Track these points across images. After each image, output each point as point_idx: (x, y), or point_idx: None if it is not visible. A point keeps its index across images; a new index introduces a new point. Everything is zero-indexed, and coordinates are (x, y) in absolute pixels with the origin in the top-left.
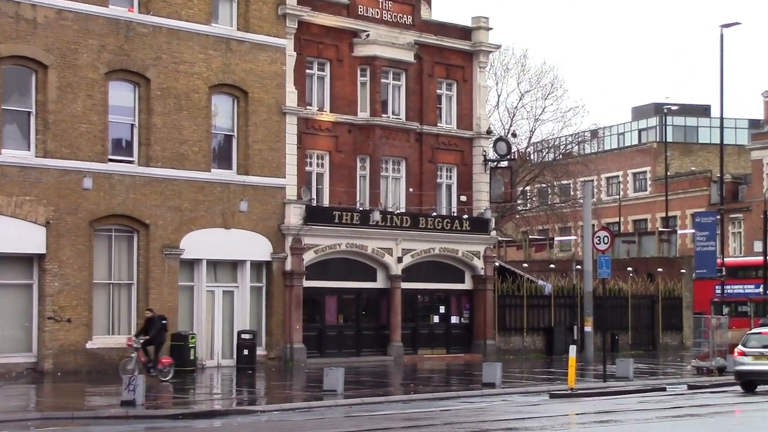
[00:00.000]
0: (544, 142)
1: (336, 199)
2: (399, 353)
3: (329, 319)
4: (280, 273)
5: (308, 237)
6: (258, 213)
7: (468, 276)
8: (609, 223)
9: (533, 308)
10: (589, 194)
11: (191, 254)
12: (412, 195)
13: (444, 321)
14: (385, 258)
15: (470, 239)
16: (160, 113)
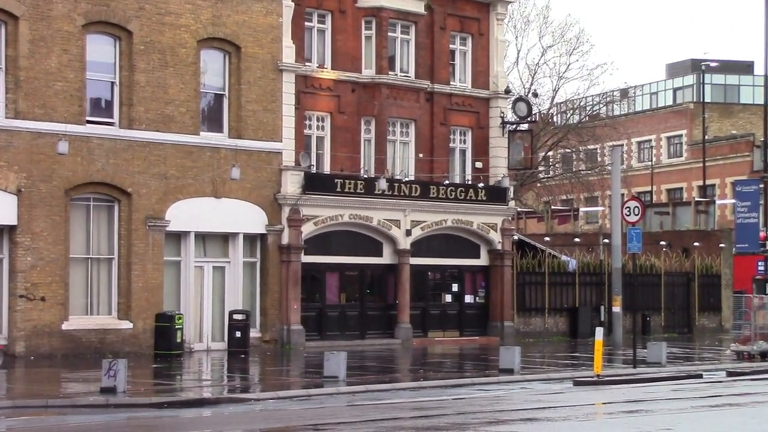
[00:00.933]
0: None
1: (338, 166)
2: (407, 336)
3: (330, 298)
4: (275, 247)
5: (307, 207)
6: (252, 181)
7: (484, 251)
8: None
9: (556, 286)
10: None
11: (178, 226)
12: (422, 161)
13: (457, 300)
14: (392, 231)
15: (486, 210)
16: (143, 70)
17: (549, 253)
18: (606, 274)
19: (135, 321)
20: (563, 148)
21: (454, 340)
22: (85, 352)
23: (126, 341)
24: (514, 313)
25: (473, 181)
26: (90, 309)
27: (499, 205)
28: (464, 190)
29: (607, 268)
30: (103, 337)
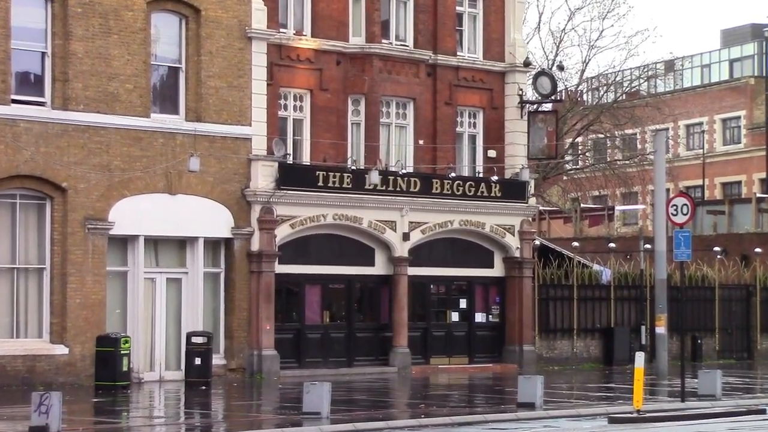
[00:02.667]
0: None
1: (320, 155)
2: (405, 363)
3: (311, 316)
4: (244, 255)
5: (282, 206)
6: (214, 173)
7: (498, 259)
8: (689, 188)
9: (586, 302)
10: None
11: (124, 229)
12: (422, 149)
13: (466, 319)
14: (386, 234)
15: (501, 209)
16: (81, 38)
17: (578, 261)
18: (648, 287)
19: (71, 345)
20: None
21: (462, 368)
22: (10, 384)
23: (60, 370)
24: (536, 335)
25: (485, 173)
26: (16, 331)
27: (516, 203)
28: (474, 185)
29: (649, 279)
30: (33, 365)
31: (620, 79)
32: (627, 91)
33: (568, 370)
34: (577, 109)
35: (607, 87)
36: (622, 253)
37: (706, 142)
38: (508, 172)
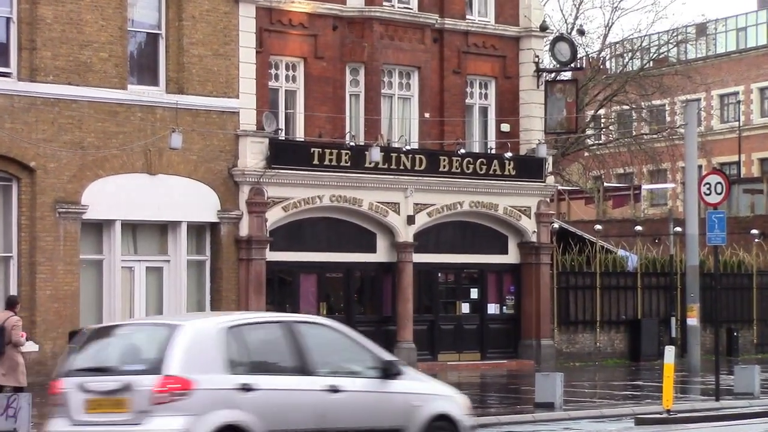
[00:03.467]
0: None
1: (315, 130)
2: (410, 359)
3: (306, 308)
4: (231, 241)
5: (274, 187)
6: (198, 151)
7: (513, 244)
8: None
9: (611, 291)
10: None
11: (99, 213)
12: (428, 123)
13: (477, 311)
14: (388, 217)
15: (516, 189)
16: (50, 1)
17: (601, 246)
18: (678, 274)
19: (41, 342)
20: (619, 105)
21: (473, 365)
22: None
23: (30, 369)
24: (555, 328)
25: (498, 149)
26: None
27: (533, 182)
28: (486, 163)
29: (680, 266)
30: None
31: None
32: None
33: (591, 366)
34: (600, 78)
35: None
36: (649, 236)
37: (742, 113)
38: (524, 148)
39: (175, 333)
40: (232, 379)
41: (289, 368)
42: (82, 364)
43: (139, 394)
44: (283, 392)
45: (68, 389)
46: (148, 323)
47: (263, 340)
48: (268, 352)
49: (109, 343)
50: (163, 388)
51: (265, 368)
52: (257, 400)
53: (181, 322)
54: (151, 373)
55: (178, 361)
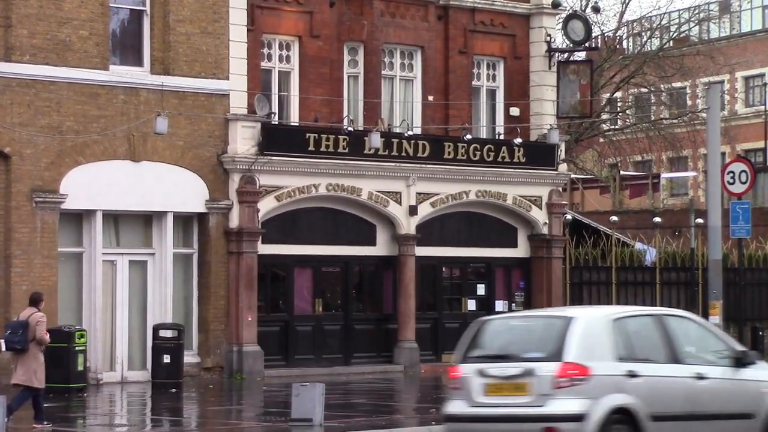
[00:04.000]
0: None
1: (311, 114)
2: (412, 360)
3: (300, 305)
4: (221, 232)
5: (266, 175)
6: (185, 136)
7: (522, 236)
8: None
9: (627, 287)
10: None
11: (78, 203)
12: (432, 107)
13: (485, 308)
14: (389, 208)
15: (526, 177)
16: None
17: (617, 239)
18: (699, 269)
19: None
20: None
21: None
22: None
23: (4, 370)
24: None
25: (507, 135)
26: None
27: (544, 171)
28: (494, 149)
29: (702, 260)
30: None
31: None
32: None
33: None
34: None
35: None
36: (669, 228)
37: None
38: (534, 133)
39: (570, 324)
40: (620, 366)
41: (662, 357)
42: (480, 352)
43: (541, 379)
44: (660, 378)
45: (467, 374)
46: (542, 315)
47: (640, 330)
48: (644, 342)
49: (505, 333)
50: (563, 374)
51: (644, 356)
52: (640, 385)
53: (574, 314)
54: (551, 360)
55: (576, 350)
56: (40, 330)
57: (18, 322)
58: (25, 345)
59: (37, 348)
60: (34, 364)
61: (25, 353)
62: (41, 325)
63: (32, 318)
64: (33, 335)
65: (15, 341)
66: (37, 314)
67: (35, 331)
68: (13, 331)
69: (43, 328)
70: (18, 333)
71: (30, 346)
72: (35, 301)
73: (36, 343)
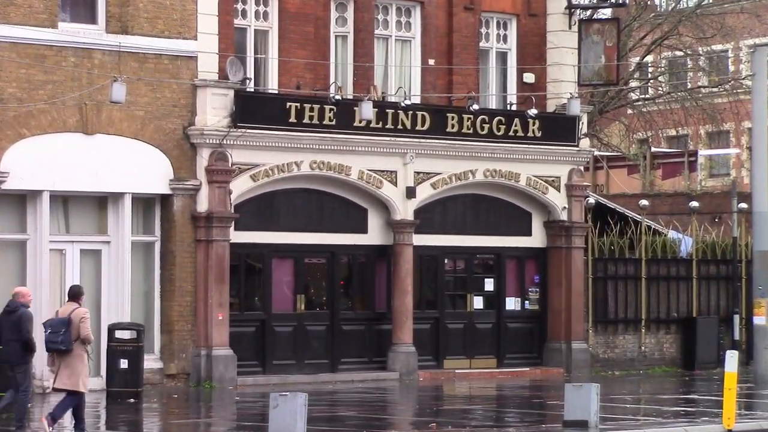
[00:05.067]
0: None
1: (292, 80)
2: (409, 366)
3: (280, 302)
4: (187, 217)
5: (240, 150)
6: (146, 105)
7: (538, 222)
8: None
9: (659, 283)
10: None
11: (21, 182)
12: (434, 72)
13: (493, 307)
14: (383, 190)
15: (543, 154)
16: None
17: (647, 226)
18: (743, 261)
19: None
20: (671, 50)
21: (488, 374)
22: None
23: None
24: (589, 328)
25: (520, 105)
26: None
27: (563, 147)
28: (505, 121)
29: (745, 251)
30: None
31: None
32: None
33: (634, 375)
34: (647, 17)
35: None
36: (707, 215)
37: None
38: (552, 103)
39: None
40: None
41: None
42: None
43: None
44: None
45: None
46: None
47: None
48: None
49: None
50: None
51: None
52: None
53: None
54: None
55: None
56: (84, 328)
57: (59, 320)
58: (69, 345)
59: (82, 348)
60: (79, 366)
61: (68, 354)
62: (85, 322)
63: (75, 314)
64: (77, 334)
65: (58, 341)
66: (80, 310)
67: (79, 329)
68: (54, 329)
69: (87, 325)
70: (60, 332)
71: (74, 346)
72: (76, 295)
73: (80, 342)
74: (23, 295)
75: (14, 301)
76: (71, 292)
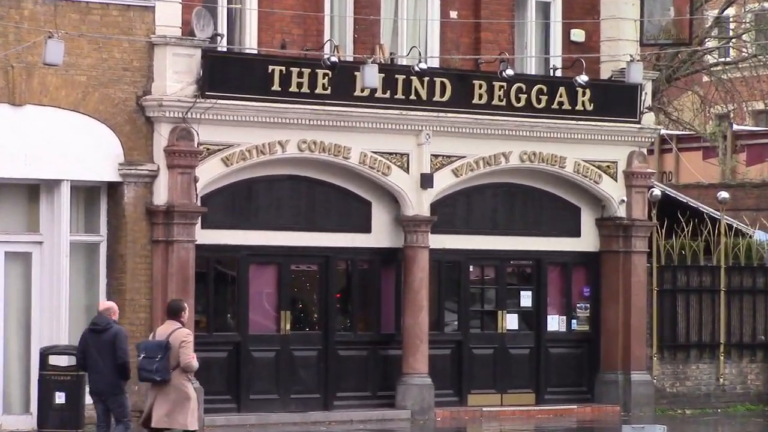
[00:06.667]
0: None
1: (275, 37)
2: (424, 403)
3: (259, 321)
4: (141, 212)
5: (209, 126)
6: (90, 69)
7: (588, 220)
8: None
9: (742, 297)
10: None
11: None
12: (456, 28)
13: (531, 327)
14: (391, 177)
15: (595, 133)
16: None
17: (728, 224)
18: None
19: None
20: (759, 1)
21: (524, 412)
22: None
23: None
24: (653, 355)
25: (567, 71)
26: None
27: (621, 123)
28: (547, 91)
29: None
30: None
31: None
32: None
33: (710, 415)
34: None
35: None
36: None
37: None
38: (607, 68)
39: None
40: None
41: None
42: None
43: None
44: None
45: None
46: None
47: None
48: None
49: None
50: None
51: None
52: None
53: None
54: None
55: None
56: (185, 354)
57: (155, 343)
58: (165, 374)
59: (183, 377)
60: (182, 399)
61: (166, 385)
62: (186, 346)
63: (174, 337)
64: (176, 361)
65: (152, 369)
66: (181, 331)
67: (180, 355)
68: (149, 354)
69: (188, 350)
70: (156, 358)
71: (173, 376)
72: (175, 311)
73: (181, 370)
74: (114, 311)
75: (104, 318)
76: (170, 308)
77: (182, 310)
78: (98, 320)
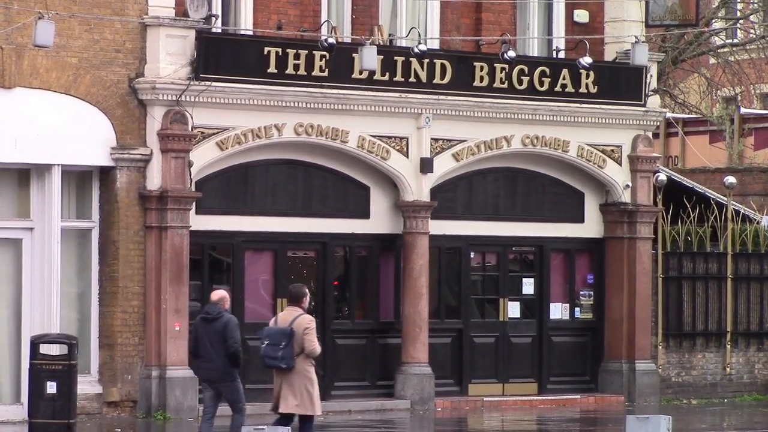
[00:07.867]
0: None
1: (271, 18)
2: (424, 392)
3: (255, 309)
4: (134, 197)
5: (204, 109)
6: (81, 51)
7: (592, 205)
8: None
9: (749, 284)
10: None
11: None
12: (457, 8)
13: (533, 315)
14: (390, 161)
15: (599, 116)
16: None
17: (735, 210)
18: None
19: None
20: None
21: (526, 402)
22: None
23: None
24: (658, 344)
25: (570, 52)
26: None
27: (626, 106)
28: (550, 73)
29: None
30: None
31: None
32: None
33: (716, 405)
34: None
35: None
36: None
37: None
38: (611, 49)
39: None
40: None
41: None
42: None
43: None
44: None
45: None
46: None
47: None
48: None
49: None
50: None
51: None
52: None
53: None
54: None
55: None
56: (309, 340)
57: (279, 330)
58: (291, 362)
59: (308, 362)
60: (307, 385)
61: (291, 372)
62: (309, 333)
63: (297, 324)
64: (300, 347)
65: (278, 357)
66: (304, 318)
67: (302, 341)
68: (273, 341)
69: (312, 337)
70: (280, 345)
71: (298, 362)
72: (297, 297)
73: (305, 356)
74: (226, 301)
75: (215, 306)
76: (292, 294)
77: (304, 296)
78: (210, 309)
